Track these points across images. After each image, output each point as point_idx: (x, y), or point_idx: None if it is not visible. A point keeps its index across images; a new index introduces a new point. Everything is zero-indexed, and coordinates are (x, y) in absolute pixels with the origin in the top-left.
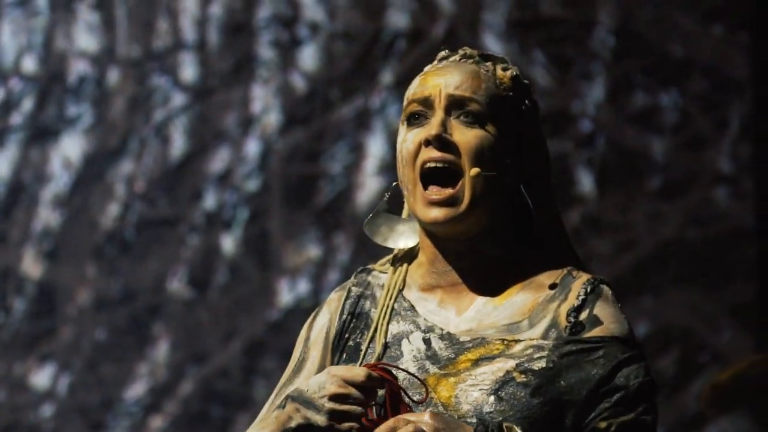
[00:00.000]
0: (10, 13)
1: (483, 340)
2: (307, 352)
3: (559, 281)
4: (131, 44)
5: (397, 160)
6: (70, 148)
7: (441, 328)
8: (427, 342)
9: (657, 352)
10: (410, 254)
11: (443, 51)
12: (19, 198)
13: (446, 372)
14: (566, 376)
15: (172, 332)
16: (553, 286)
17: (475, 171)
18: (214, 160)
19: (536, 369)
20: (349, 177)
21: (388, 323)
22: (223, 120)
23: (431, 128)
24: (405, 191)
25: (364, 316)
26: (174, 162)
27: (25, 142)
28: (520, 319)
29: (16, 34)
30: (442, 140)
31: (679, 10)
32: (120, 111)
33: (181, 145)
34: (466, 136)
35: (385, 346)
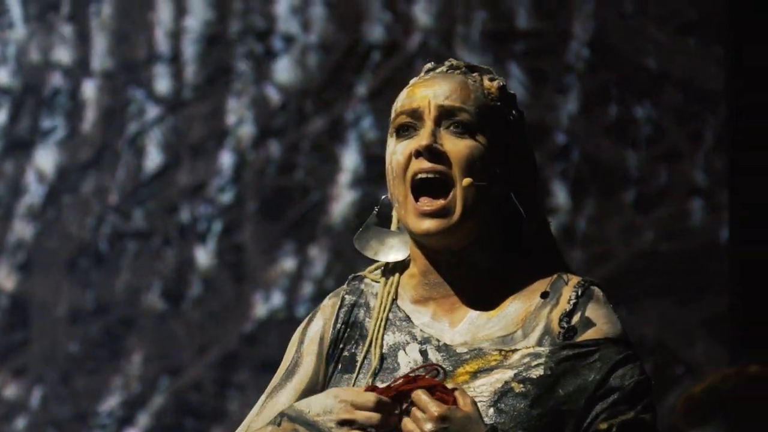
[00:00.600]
0: None
1: (480, 351)
2: (301, 357)
3: (550, 287)
4: (105, 57)
5: (387, 173)
6: (44, 161)
7: (437, 339)
8: (424, 353)
9: None
10: (402, 264)
11: (429, 63)
12: None
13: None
14: (564, 384)
15: (145, 345)
16: (544, 295)
17: (467, 181)
18: (188, 173)
19: (534, 378)
20: (324, 189)
21: (383, 335)
22: (197, 132)
23: (421, 139)
24: (395, 203)
25: (358, 325)
26: (148, 174)
27: None
28: (514, 329)
29: None
30: (433, 151)
31: (654, 23)
32: (94, 123)
33: (155, 158)
34: (456, 146)
35: (382, 358)
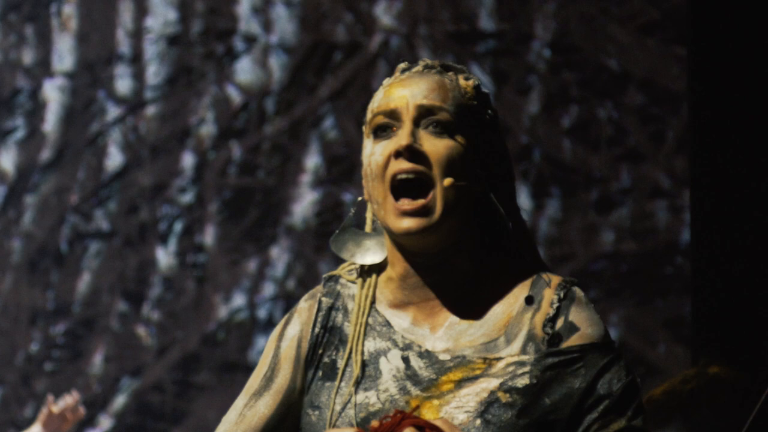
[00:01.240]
0: None
1: (464, 359)
2: (278, 364)
3: (532, 290)
4: (66, 57)
5: (364, 174)
6: (5, 161)
7: (419, 345)
8: (406, 360)
9: None
10: (378, 265)
11: (403, 63)
12: None
13: (429, 394)
14: (550, 392)
15: (106, 346)
16: (529, 301)
17: (449, 181)
18: (149, 173)
19: (520, 387)
20: (285, 190)
21: (363, 342)
22: (158, 133)
23: (401, 139)
24: (374, 205)
25: (337, 330)
26: (109, 175)
27: None
28: (497, 335)
29: None
30: (412, 151)
31: (616, 24)
32: (55, 124)
33: (116, 158)
34: (436, 146)
35: (363, 366)
